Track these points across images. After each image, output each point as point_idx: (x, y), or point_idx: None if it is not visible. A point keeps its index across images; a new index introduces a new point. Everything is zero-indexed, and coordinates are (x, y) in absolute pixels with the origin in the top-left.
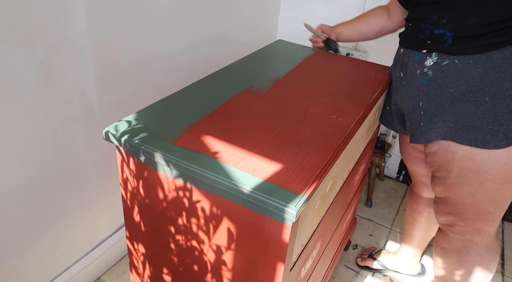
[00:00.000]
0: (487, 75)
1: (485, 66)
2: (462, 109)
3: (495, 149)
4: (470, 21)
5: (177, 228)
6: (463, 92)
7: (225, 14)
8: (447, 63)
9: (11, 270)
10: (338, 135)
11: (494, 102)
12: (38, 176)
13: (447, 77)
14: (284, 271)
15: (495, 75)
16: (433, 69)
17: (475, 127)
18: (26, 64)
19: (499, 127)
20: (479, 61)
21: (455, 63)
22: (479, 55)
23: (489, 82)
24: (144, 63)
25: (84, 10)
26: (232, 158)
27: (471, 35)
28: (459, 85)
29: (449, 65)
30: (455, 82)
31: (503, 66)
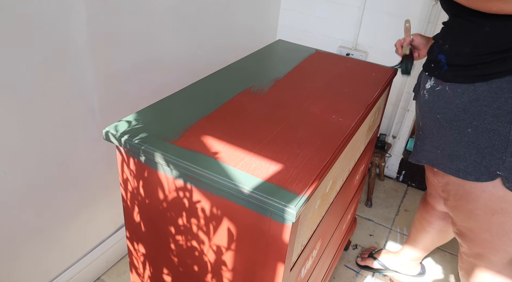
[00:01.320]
0: (471, 107)
1: (470, 97)
2: (447, 137)
3: (477, 182)
4: (464, 49)
5: (177, 228)
6: (448, 120)
7: (225, 14)
8: (439, 89)
9: (11, 270)
10: (338, 135)
11: (477, 135)
12: (38, 176)
13: (436, 102)
14: (284, 271)
15: (478, 107)
16: (428, 93)
17: (458, 157)
18: (26, 64)
19: (481, 160)
20: (466, 91)
21: (446, 90)
22: (468, 85)
23: (471, 114)
24: (144, 63)
25: (84, 10)
26: (232, 158)
27: (463, 64)
28: (445, 112)
29: (440, 91)
30: (442, 109)
31: (487, 100)
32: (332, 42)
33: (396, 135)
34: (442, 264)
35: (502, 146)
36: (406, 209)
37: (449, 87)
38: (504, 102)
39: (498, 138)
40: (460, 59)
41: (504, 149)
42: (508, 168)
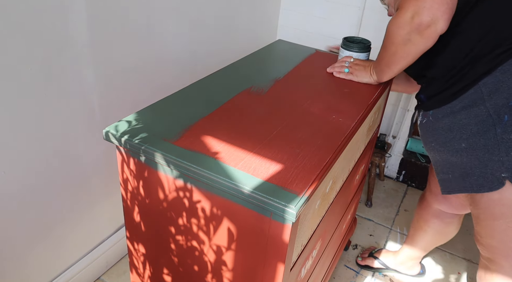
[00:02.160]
0: (454, 124)
1: (449, 117)
2: (449, 160)
3: (490, 192)
4: (431, 72)
5: (177, 228)
6: (441, 144)
7: (225, 14)
8: (426, 121)
9: (11, 270)
10: (338, 135)
11: (471, 145)
12: (38, 176)
13: (426, 133)
14: (284, 271)
15: (459, 122)
16: (421, 127)
17: (467, 174)
18: (26, 64)
19: (486, 169)
20: (445, 113)
21: (430, 119)
22: (445, 107)
23: (457, 130)
24: (144, 63)
25: (84, 10)
26: (232, 158)
27: (436, 91)
28: (436, 139)
29: (427, 122)
30: (433, 137)
31: (464, 113)
32: (332, 42)
33: (396, 135)
34: (442, 264)
35: (495, 147)
36: (406, 209)
37: (432, 116)
38: (479, 111)
39: (489, 141)
40: (432, 89)
41: (497, 150)
42: (509, 167)
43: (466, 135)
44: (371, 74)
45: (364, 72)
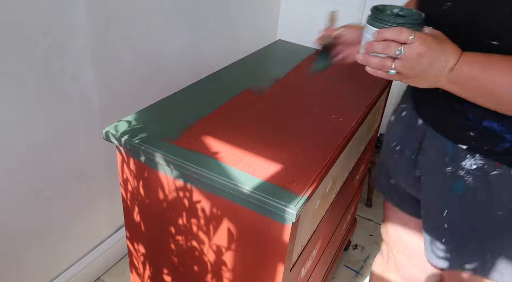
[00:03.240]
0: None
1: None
2: (509, 238)
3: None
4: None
5: (177, 228)
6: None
7: (225, 14)
8: (498, 174)
9: (11, 270)
10: (338, 135)
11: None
12: (38, 176)
13: (496, 194)
14: (284, 271)
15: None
16: (474, 177)
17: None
18: (26, 64)
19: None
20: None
21: (511, 176)
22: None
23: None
24: (144, 63)
25: (85, 10)
26: (232, 158)
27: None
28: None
29: (501, 178)
30: (508, 204)
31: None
32: None
33: None
34: None
35: None
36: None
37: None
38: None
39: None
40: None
41: None
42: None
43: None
44: (439, 79)
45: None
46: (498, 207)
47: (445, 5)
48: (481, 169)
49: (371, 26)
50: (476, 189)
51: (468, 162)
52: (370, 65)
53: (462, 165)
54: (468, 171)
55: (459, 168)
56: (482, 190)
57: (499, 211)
